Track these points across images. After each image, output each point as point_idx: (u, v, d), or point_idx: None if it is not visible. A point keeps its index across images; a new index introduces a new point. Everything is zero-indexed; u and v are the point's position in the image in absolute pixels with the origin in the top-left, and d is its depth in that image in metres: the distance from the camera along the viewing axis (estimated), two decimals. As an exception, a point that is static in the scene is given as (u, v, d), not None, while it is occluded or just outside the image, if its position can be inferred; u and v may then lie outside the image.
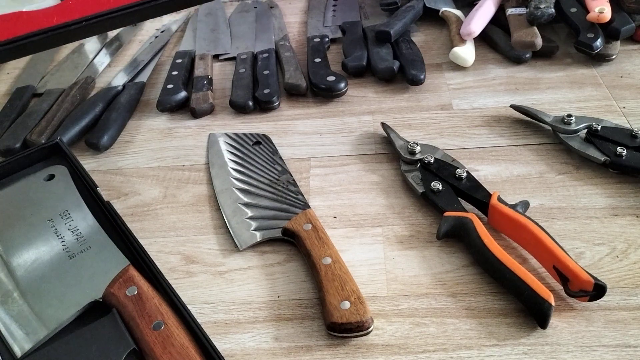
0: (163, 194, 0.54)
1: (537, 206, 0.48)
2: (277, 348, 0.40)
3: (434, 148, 0.53)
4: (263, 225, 0.48)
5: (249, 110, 0.63)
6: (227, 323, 0.43)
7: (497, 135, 0.56)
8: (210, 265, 0.47)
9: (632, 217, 0.46)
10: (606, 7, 0.62)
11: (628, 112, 0.57)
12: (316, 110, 0.63)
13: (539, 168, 0.52)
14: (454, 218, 0.45)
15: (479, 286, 0.43)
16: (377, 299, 0.43)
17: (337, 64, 0.68)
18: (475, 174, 0.50)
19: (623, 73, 0.62)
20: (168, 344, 0.38)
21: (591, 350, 0.38)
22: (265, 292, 0.44)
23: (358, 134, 0.59)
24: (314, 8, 0.81)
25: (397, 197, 0.51)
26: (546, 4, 0.64)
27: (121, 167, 0.58)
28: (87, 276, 0.43)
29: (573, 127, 0.53)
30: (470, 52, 0.66)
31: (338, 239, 0.47)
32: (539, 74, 0.64)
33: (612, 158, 0.49)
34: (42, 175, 0.51)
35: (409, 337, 0.40)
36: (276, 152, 0.57)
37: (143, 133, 0.62)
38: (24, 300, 0.42)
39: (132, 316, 0.40)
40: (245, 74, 0.67)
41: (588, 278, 0.39)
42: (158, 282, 0.43)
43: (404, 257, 0.46)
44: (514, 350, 0.39)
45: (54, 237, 0.46)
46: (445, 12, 0.72)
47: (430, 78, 0.65)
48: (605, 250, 0.44)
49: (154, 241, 0.50)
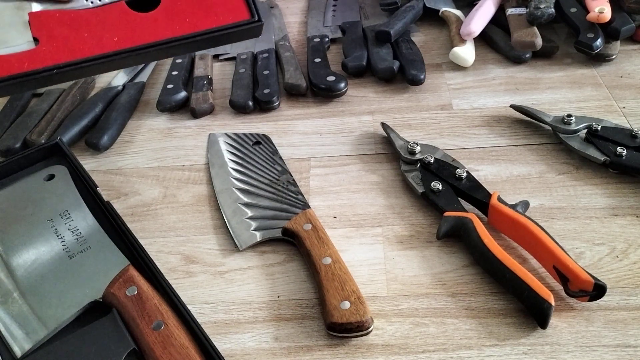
0: (163, 194, 0.54)
1: (537, 206, 0.48)
2: (277, 348, 0.40)
3: (434, 148, 0.53)
4: (263, 225, 0.48)
5: (249, 110, 0.63)
6: (227, 323, 0.43)
7: (497, 135, 0.56)
8: (210, 265, 0.47)
9: (632, 217, 0.46)
10: (606, 7, 0.62)
11: (628, 112, 0.57)
12: (316, 110, 0.63)
13: (539, 168, 0.52)
14: (454, 218, 0.45)
15: (479, 286, 0.43)
16: (377, 299, 0.43)
17: (337, 64, 0.68)
18: (475, 174, 0.50)
19: (623, 73, 0.62)
20: (168, 344, 0.38)
21: (591, 350, 0.38)
22: (265, 292, 0.44)
23: (358, 134, 0.59)
24: (314, 8, 0.81)
25: (397, 197, 0.51)
26: (546, 4, 0.64)
27: (121, 167, 0.58)
28: (87, 276, 0.43)
29: (573, 127, 0.53)
30: (470, 52, 0.66)
31: (338, 239, 0.47)
32: (539, 74, 0.64)
33: (612, 158, 0.49)
34: (42, 175, 0.51)
35: (409, 337, 0.40)
36: (276, 152, 0.57)
37: (143, 133, 0.62)
38: (24, 300, 0.42)
39: (132, 316, 0.40)
40: (245, 74, 0.67)
41: (588, 278, 0.39)
42: (158, 282, 0.43)
43: (404, 257, 0.46)
44: (514, 350, 0.39)
45: (54, 237, 0.46)
46: (445, 12, 0.72)
47: (430, 78, 0.65)
48: (605, 250, 0.44)
49: (153, 241, 0.50)
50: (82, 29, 0.41)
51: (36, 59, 0.39)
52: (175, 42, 0.41)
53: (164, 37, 0.41)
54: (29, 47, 0.40)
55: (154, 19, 0.42)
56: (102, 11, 0.41)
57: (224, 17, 0.43)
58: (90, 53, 0.40)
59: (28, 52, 0.39)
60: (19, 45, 0.39)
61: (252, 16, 0.43)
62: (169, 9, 0.42)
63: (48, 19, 0.40)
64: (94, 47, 0.40)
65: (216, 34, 0.42)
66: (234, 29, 0.43)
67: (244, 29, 0.43)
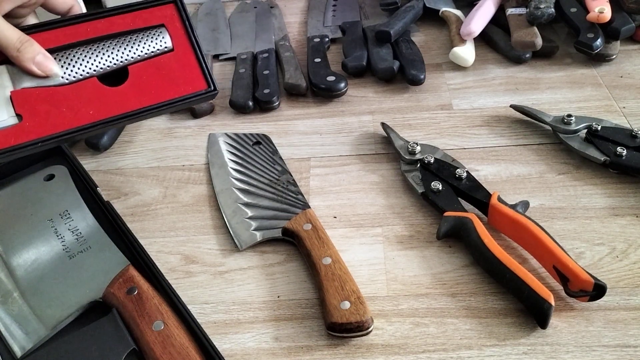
0: (163, 194, 0.54)
1: (537, 206, 0.48)
2: (277, 348, 0.40)
3: (434, 148, 0.53)
4: (263, 225, 0.48)
5: (249, 110, 0.63)
6: (227, 323, 0.43)
7: (497, 135, 0.56)
8: (210, 265, 0.47)
9: (632, 217, 0.46)
10: (606, 7, 0.62)
11: (628, 112, 0.57)
12: (316, 110, 0.63)
13: (539, 168, 0.52)
14: (454, 218, 0.45)
15: (479, 286, 0.43)
16: (377, 299, 0.43)
17: (337, 64, 0.68)
18: (475, 174, 0.50)
19: (623, 73, 0.62)
20: (168, 344, 0.38)
21: (591, 350, 0.38)
22: (265, 292, 0.44)
23: (358, 134, 0.59)
24: (314, 8, 0.81)
25: (397, 197, 0.51)
26: (546, 4, 0.64)
27: (121, 167, 0.58)
28: (87, 276, 0.43)
29: (573, 127, 0.53)
30: (470, 52, 0.66)
31: (338, 239, 0.47)
32: (539, 74, 0.64)
33: (612, 158, 0.49)
34: (42, 175, 0.51)
35: (409, 337, 0.40)
36: (276, 152, 0.57)
37: (143, 133, 0.62)
38: (24, 300, 0.42)
39: (132, 316, 0.40)
40: (245, 74, 0.67)
41: (588, 278, 0.39)
42: (158, 282, 0.43)
43: (404, 257, 0.46)
44: (514, 350, 0.39)
45: (54, 237, 0.46)
46: (445, 12, 0.72)
47: (430, 78, 0.65)
48: (605, 250, 0.44)
49: (154, 241, 0.50)
50: (61, 104, 0.45)
51: (22, 134, 0.43)
52: (143, 112, 0.47)
53: (133, 108, 0.46)
54: (12, 122, 0.43)
55: (124, 92, 0.47)
56: (77, 87, 0.46)
57: (184, 88, 0.48)
58: (70, 126, 0.45)
59: (13, 128, 0.43)
60: (4, 121, 0.43)
61: (209, 86, 0.49)
62: (136, 84, 0.47)
63: (30, 96, 0.44)
64: (72, 120, 0.45)
65: (178, 103, 0.48)
66: (193, 97, 0.48)
67: (202, 97, 0.49)
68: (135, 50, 0.47)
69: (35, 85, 0.44)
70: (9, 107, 0.43)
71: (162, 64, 0.48)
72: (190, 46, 0.49)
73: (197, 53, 0.49)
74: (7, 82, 0.44)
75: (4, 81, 0.44)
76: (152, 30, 0.48)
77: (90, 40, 0.47)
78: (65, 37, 0.46)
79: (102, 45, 0.47)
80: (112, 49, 0.47)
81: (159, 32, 0.48)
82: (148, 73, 0.48)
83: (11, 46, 0.43)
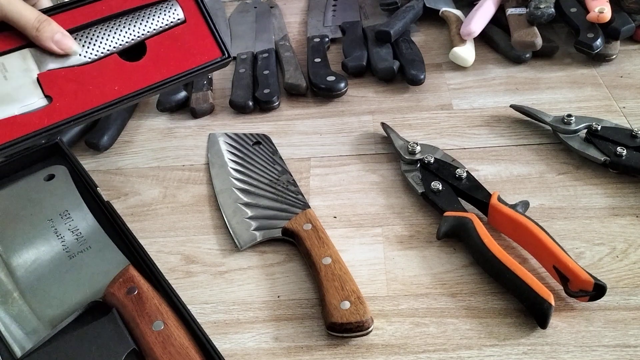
0: (163, 194, 0.54)
1: (537, 206, 0.48)
2: (277, 348, 0.40)
3: (434, 148, 0.53)
4: (263, 225, 0.48)
5: (249, 110, 0.63)
6: (227, 323, 0.43)
7: (497, 135, 0.56)
8: (210, 265, 0.47)
9: (632, 217, 0.46)
10: (606, 7, 0.62)
11: (628, 112, 0.57)
12: (316, 110, 0.63)
13: (539, 168, 0.52)
14: (454, 218, 0.45)
15: (479, 286, 0.43)
16: (377, 299, 0.43)
17: (337, 64, 0.68)
18: (475, 174, 0.50)
19: (623, 73, 0.62)
20: (168, 344, 0.38)
21: (591, 350, 0.38)
22: (265, 292, 0.44)
23: (358, 134, 0.59)
24: (314, 8, 0.81)
25: (397, 197, 0.51)
26: (546, 4, 0.64)
27: (121, 167, 0.58)
28: (87, 276, 0.43)
29: (573, 127, 0.53)
30: (470, 52, 0.66)
31: (338, 239, 0.47)
32: (539, 74, 0.64)
33: (612, 158, 0.49)
34: (42, 175, 0.51)
35: (409, 337, 0.40)
36: (276, 152, 0.57)
37: (143, 133, 0.62)
38: (24, 300, 0.42)
39: (132, 316, 0.40)
40: (245, 74, 0.67)
41: (588, 278, 0.39)
42: (158, 282, 0.43)
43: (404, 257, 0.46)
44: (514, 350, 0.39)
45: (54, 237, 0.46)
46: (445, 12, 0.72)
47: (430, 78, 0.65)
48: (605, 250, 0.44)
49: (154, 241, 0.50)
50: (87, 82, 0.46)
51: (53, 115, 0.45)
52: (165, 84, 0.49)
53: (154, 81, 0.48)
54: (43, 103, 0.45)
55: (145, 66, 0.49)
56: (100, 65, 0.47)
57: (200, 58, 0.50)
58: (98, 102, 0.47)
59: (45, 110, 0.45)
60: (34, 103, 0.45)
61: (223, 54, 0.51)
62: (155, 57, 0.49)
63: (57, 77, 0.46)
64: (100, 97, 0.47)
65: (197, 72, 0.50)
66: (209, 66, 0.51)
67: (218, 64, 0.51)
68: (150, 24, 0.49)
69: (60, 66, 0.46)
70: (37, 89, 0.45)
71: (176, 35, 0.50)
72: (201, 16, 0.51)
73: (209, 23, 0.51)
74: (33, 65, 0.45)
75: (30, 64, 0.45)
76: (164, 3, 0.50)
77: (106, 18, 0.48)
78: (82, 17, 0.48)
79: (118, 22, 0.48)
80: (128, 24, 0.48)
81: (171, 4, 0.50)
82: (165, 46, 0.49)
83: (30, 26, 0.44)
